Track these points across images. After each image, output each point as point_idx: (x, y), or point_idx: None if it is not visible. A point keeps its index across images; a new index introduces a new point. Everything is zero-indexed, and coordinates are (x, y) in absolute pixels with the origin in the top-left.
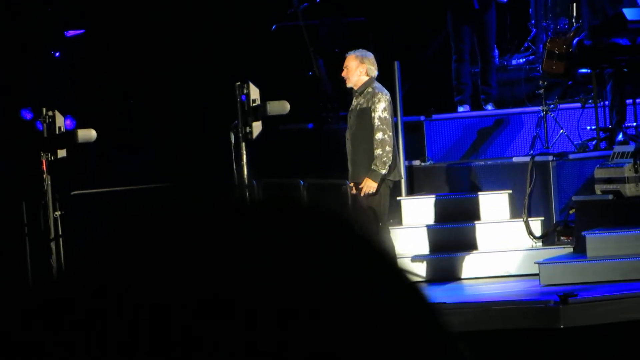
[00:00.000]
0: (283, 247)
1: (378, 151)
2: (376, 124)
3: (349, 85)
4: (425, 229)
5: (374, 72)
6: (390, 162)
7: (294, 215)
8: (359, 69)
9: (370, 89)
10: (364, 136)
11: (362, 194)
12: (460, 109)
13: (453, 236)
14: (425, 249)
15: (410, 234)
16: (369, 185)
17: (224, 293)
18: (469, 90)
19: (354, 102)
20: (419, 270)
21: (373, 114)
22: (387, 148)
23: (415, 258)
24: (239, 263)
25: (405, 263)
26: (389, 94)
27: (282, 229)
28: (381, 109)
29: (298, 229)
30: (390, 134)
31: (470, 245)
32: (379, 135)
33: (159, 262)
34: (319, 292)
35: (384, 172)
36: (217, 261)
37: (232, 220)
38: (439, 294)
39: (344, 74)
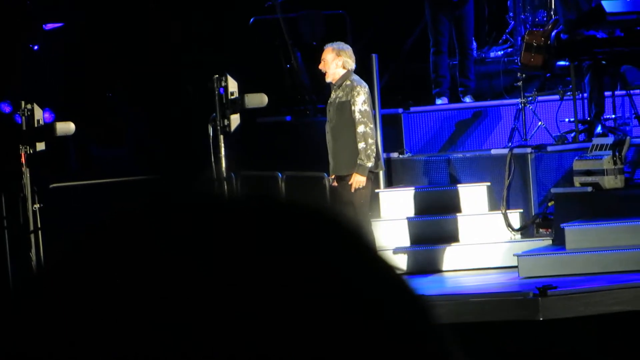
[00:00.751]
0: (263, 241)
1: (361, 144)
2: (357, 117)
3: (327, 79)
4: (404, 221)
5: (352, 65)
6: (374, 154)
7: (273, 208)
8: (335, 62)
9: (348, 82)
10: (344, 129)
11: (352, 190)
12: (439, 101)
13: (432, 228)
14: (404, 242)
15: (389, 226)
16: (358, 180)
17: (205, 288)
18: (447, 83)
19: (333, 94)
20: (398, 262)
21: (353, 107)
22: (370, 140)
23: (394, 250)
24: (218, 258)
25: (384, 255)
26: (367, 86)
27: (262, 222)
28: (361, 101)
29: (277, 222)
30: (372, 126)
31: (449, 237)
32: (360, 129)
33: (139, 257)
34: (300, 285)
35: (370, 165)
36: (196, 256)
37: (212, 214)
38: (418, 287)
39: (320, 67)
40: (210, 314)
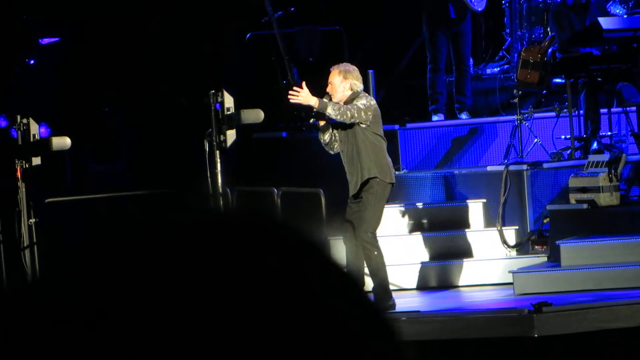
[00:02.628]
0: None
1: (353, 107)
2: (358, 104)
3: (334, 100)
4: (399, 237)
5: (359, 87)
6: (343, 116)
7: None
8: (342, 85)
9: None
10: (359, 146)
11: (291, 97)
12: (435, 118)
13: (427, 245)
14: (399, 258)
15: (384, 242)
16: (307, 98)
17: (198, 300)
18: (444, 100)
19: None
20: (394, 278)
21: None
22: (356, 117)
23: (391, 267)
24: (214, 273)
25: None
26: (374, 101)
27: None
28: (360, 102)
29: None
30: (369, 115)
31: (444, 254)
32: (359, 105)
33: (135, 271)
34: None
35: (329, 110)
36: (194, 270)
37: (207, 229)
38: (412, 303)
39: (328, 90)
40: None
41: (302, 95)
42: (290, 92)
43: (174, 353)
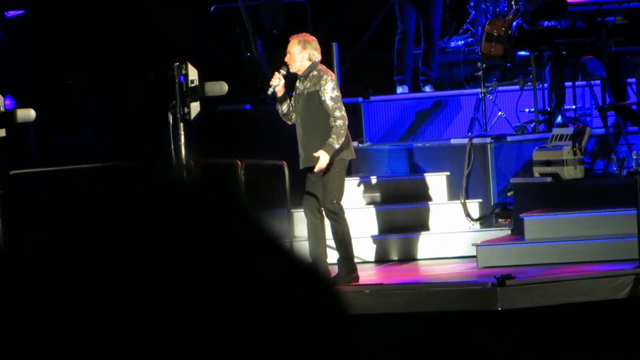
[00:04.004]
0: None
1: (338, 122)
2: (330, 104)
3: (292, 70)
4: (362, 210)
5: (317, 57)
6: (343, 137)
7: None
8: (301, 54)
9: (315, 72)
10: (315, 119)
11: (316, 169)
12: (399, 89)
13: (391, 218)
14: (362, 231)
15: (348, 215)
16: (324, 160)
17: (164, 274)
18: (410, 71)
19: (300, 86)
20: (357, 251)
21: (323, 97)
22: (344, 122)
23: (353, 239)
24: (178, 246)
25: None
26: (334, 74)
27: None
28: (330, 89)
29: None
30: (344, 111)
31: (408, 227)
32: (337, 113)
33: (103, 244)
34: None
35: (337, 146)
36: (156, 243)
37: (172, 201)
38: (375, 276)
39: (286, 59)
40: (172, 303)
41: (320, 164)
42: (316, 167)
43: (140, 331)
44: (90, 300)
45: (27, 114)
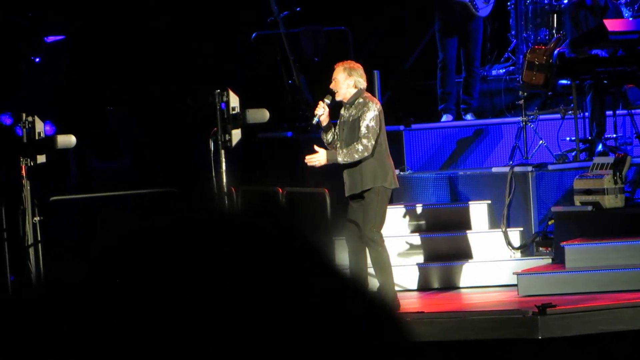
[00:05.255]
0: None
1: (358, 147)
2: (363, 132)
3: (337, 98)
4: (404, 238)
5: (363, 84)
6: (352, 160)
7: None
8: (347, 81)
9: (361, 100)
10: None
11: (309, 162)
12: (444, 117)
13: (432, 246)
14: (404, 259)
15: (389, 243)
16: (319, 158)
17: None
18: (453, 99)
19: (345, 113)
20: (398, 279)
21: (361, 123)
22: (364, 154)
23: (394, 267)
24: (221, 273)
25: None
26: (379, 104)
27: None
28: (370, 117)
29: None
30: (373, 142)
31: (449, 255)
32: (364, 141)
33: (146, 270)
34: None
35: (340, 160)
36: (200, 270)
37: (213, 228)
38: (416, 304)
39: (332, 86)
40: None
41: (312, 159)
42: (307, 157)
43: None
44: (132, 327)
45: (67, 140)
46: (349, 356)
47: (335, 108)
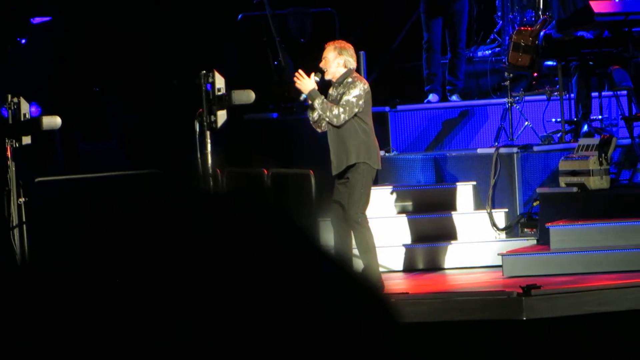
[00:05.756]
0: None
1: (337, 112)
2: (342, 102)
3: (327, 76)
4: (388, 219)
5: (353, 64)
6: (323, 113)
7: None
8: (337, 60)
9: (350, 79)
10: (348, 127)
11: (296, 78)
12: (430, 97)
13: (417, 227)
14: (388, 240)
15: (374, 224)
16: (305, 83)
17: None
18: (439, 80)
19: (333, 92)
20: (383, 260)
21: (344, 97)
22: (334, 120)
23: (379, 248)
24: (206, 255)
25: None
26: (367, 84)
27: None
28: (353, 94)
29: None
30: (346, 117)
31: (434, 236)
32: (340, 110)
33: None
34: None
35: (316, 103)
36: (182, 252)
37: (198, 210)
38: (400, 285)
39: (321, 65)
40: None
41: (304, 83)
42: (296, 75)
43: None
44: (116, 308)
45: (52, 121)
46: (333, 337)
47: (325, 88)
